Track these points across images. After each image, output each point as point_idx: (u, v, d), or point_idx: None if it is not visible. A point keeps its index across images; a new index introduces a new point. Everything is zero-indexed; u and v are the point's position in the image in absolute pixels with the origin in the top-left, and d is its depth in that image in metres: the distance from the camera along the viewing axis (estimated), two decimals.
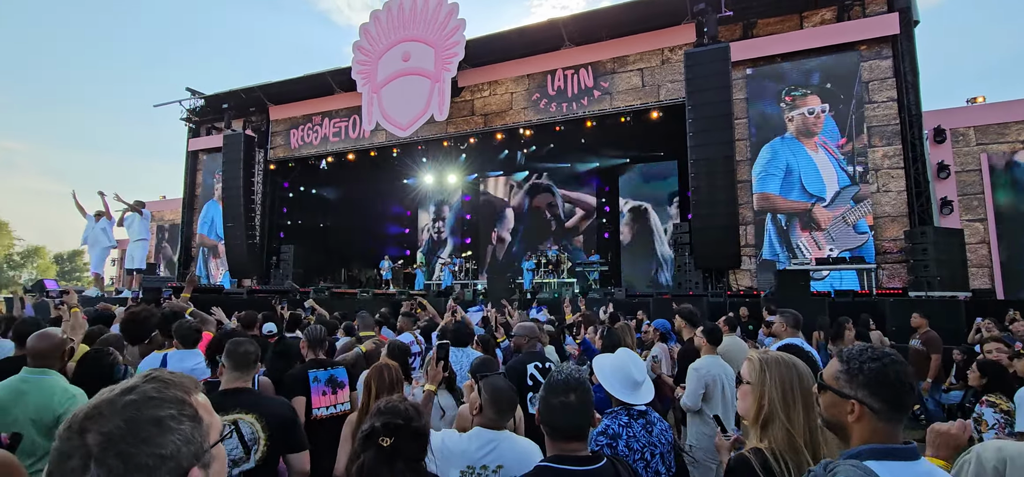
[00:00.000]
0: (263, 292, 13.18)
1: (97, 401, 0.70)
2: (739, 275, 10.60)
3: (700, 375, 3.47)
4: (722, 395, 3.45)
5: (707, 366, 3.52)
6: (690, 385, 3.49)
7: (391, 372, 2.59)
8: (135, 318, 4.14)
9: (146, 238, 12.90)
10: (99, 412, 0.68)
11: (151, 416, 0.69)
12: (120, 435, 0.66)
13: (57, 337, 2.65)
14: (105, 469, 0.65)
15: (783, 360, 1.56)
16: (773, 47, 10.75)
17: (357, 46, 14.12)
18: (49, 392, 2.34)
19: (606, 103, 12.21)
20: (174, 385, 0.75)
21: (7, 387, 2.34)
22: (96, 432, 0.66)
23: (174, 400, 0.73)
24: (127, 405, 0.69)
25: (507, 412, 1.98)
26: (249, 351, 2.47)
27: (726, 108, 9.88)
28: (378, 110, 13.74)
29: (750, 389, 1.56)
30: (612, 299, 9.70)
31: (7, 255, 41.58)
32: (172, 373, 0.79)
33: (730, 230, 9.95)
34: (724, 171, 9.88)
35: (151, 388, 0.72)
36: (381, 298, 12.08)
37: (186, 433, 0.72)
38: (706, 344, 3.71)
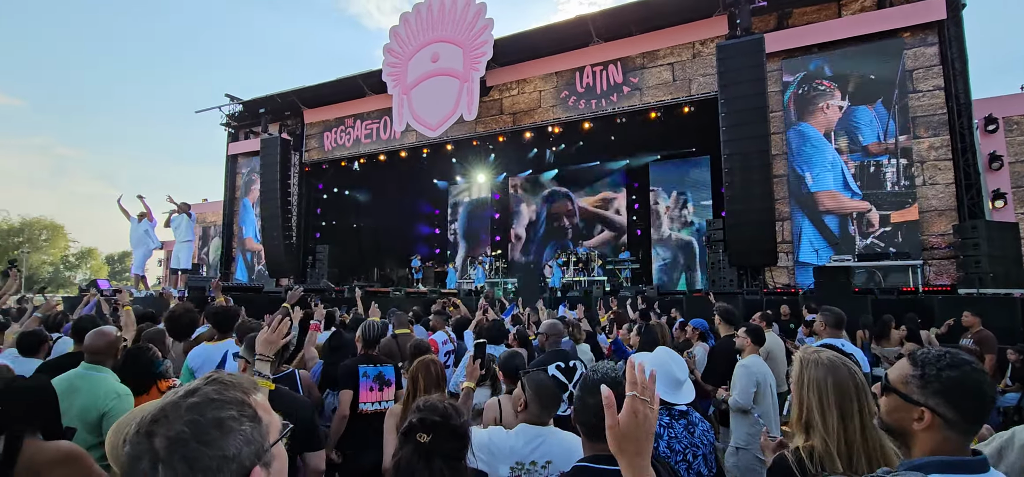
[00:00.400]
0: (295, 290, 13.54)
1: (163, 403, 0.72)
2: (776, 272, 10.34)
3: (751, 372, 3.39)
4: (769, 397, 3.39)
5: (755, 362, 3.46)
6: (741, 382, 3.39)
7: (436, 367, 2.65)
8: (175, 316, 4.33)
9: (192, 239, 13.38)
10: (165, 415, 0.70)
11: (213, 418, 0.71)
12: (185, 438, 0.68)
13: (112, 335, 2.80)
14: (171, 471, 0.66)
15: (822, 361, 1.52)
16: (809, 37, 10.43)
17: (387, 49, 14.35)
18: (97, 390, 2.47)
19: (636, 99, 12.08)
20: (234, 386, 0.76)
21: (64, 381, 2.48)
22: (162, 436, 0.68)
23: (234, 401, 0.74)
24: (190, 408, 0.70)
25: (551, 407, 1.98)
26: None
27: (760, 101, 9.64)
28: (408, 111, 13.93)
29: (793, 389, 1.54)
30: (643, 295, 9.63)
31: (63, 256, 43.94)
32: (231, 374, 0.80)
33: (766, 226, 9.72)
34: (759, 166, 9.65)
35: (212, 390, 0.74)
36: (413, 296, 12.28)
37: (247, 433, 0.73)
38: (750, 344, 3.62)
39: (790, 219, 10.35)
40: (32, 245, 41.14)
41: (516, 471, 1.83)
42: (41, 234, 41.96)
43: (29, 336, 3.71)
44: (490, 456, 1.85)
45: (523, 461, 1.83)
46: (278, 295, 12.54)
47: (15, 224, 41.04)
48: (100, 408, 2.44)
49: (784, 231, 10.34)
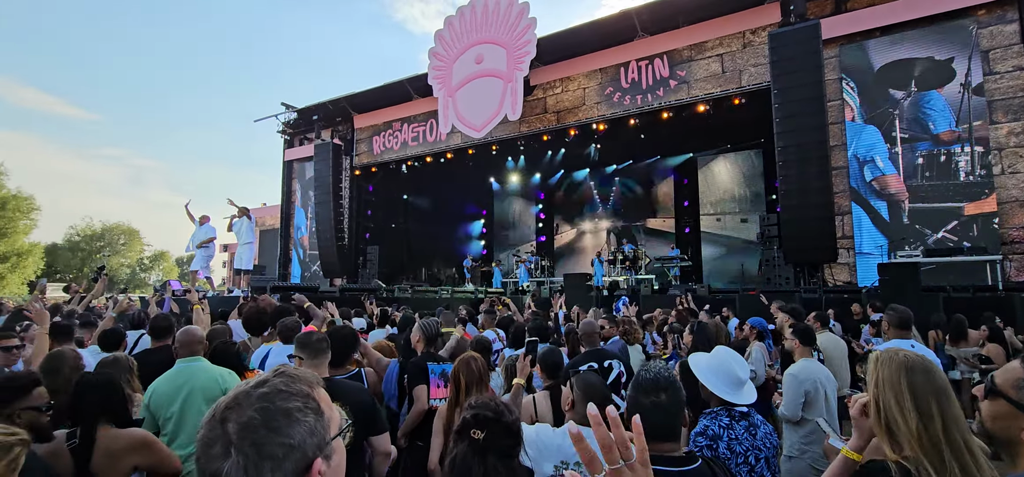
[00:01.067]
0: (352, 290, 14.06)
1: (235, 392, 0.76)
2: (835, 269, 9.87)
3: (798, 381, 3.17)
4: (825, 402, 3.15)
5: (806, 371, 3.22)
6: (788, 393, 3.20)
7: (478, 364, 2.66)
8: (255, 313, 4.61)
9: (252, 241, 14.10)
10: (237, 403, 0.74)
11: (281, 408, 0.74)
12: (255, 425, 0.71)
13: (198, 332, 3.06)
14: (242, 456, 0.70)
15: (896, 359, 1.42)
16: (870, 20, 9.87)
17: (432, 52, 14.63)
18: (210, 374, 2.77)
19: (683, 92, 11.80)
20: (300, 380, 0.80)
21: (173, 376, 2.75)
22: (235, 422, 0.71)
23: (300, 394, 0.77)
24: (260, 397, 0.74)
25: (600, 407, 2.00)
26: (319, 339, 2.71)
27: (817, 90, 9.20)
28: (453, 113, 14.16)
29: (869, 390, 1.47)
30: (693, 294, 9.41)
31: (139, 259, 47.35)
32: (297, 368, 0.84)
33: (824, 221, 9.27)
34: (817, 158, 9.22)
35: (280, 381, 0.77)
36: (460, 296, 12.48)
37: (310, 425, 0.76)
38: (799, 345, 3.41)
39: (850, 213, 9.84)
40: (112, 249, 44.56)
41: (560, 469, 1.83)
42: (119, 239, 45.40)
43: (109, 334, 4.06)
44: (537, 452, 1.86)
45: (568, 460, 1.83)
46: (332, 294, 13.05)
47: (97, 230, 44.56)
48: (222, 386, 2.71)
49: (844, 225, 9.84)
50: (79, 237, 43.73)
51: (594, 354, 3.45)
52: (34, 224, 36.45)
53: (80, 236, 43.80)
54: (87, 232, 44.20)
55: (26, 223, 35.88)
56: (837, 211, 9.67)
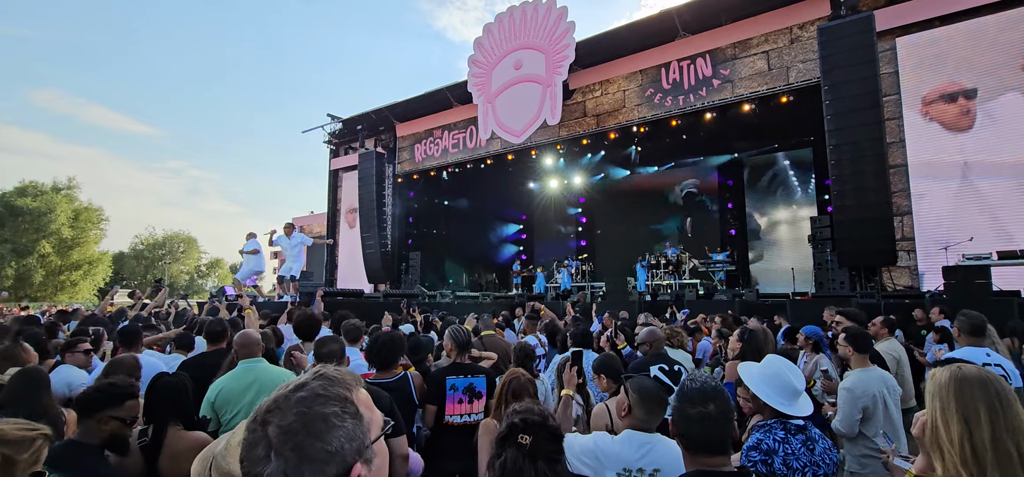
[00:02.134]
0: (395, 295, 14.38)
1: (276, 395, 0.76)
2: (895, 273, 9.36)
3: (854, 395, 2.96)
4: (885, 413, 2.94)
5: (861, 382, 3.00)
6: (843, 408, 2.98)
7: (528, 379, 2.65)
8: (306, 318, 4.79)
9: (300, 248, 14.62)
10: (277, 406, 0.74)
11: (319, 412, 0.73)
12: (294, 429, 0.71)
13: (255, 334, 3.20)
14: (282, 460, 0.70)
15: (950, 368, 1.35)
16: (929, 9, 9.34)
17: (472, 60, 14.82)
18: (271, 373, 2.89)
19: (727, 91, 11.49)
20: (338, 382, 0.78)
21: (235, 378, 2.89)
22: (275, 425, 0.72)
23: (338, 398, 0.76)
24: (298, 401, 0.74)
25: (657, 412, 1.93)
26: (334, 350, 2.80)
27: (872, 85, 8.76)
28: (493, 119, 14.29)
29: (932, 409, 1.40)
30: (740, 299, 9.14)
31: (196, 266, 50.02)
32: (337, 370, 0.83)
33: (882, 223, 8.80)
34: (872, 156, 8.77)
35: (318, 385, 0.76)
36: (501, 301, 12.55)
37: (349, 430, 0.75)
38: (854, 353, 3.17)
39: (910, 213, 9.32)
40: (172, 256, 47.22)
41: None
42: (179, 247, 48.10)
43: (183, 337, 4.33)
44: (596, 462, 1.84)
45: (630, 467, 1.80)
46: (376, 300, 13.39)
47: (159, 239, 47.37)
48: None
49: (904, 227, 9.33)
50: (143, 245, 46.63)
51: (663, 357, 3.40)
52: (103, 234, 39.16)
53: (144, 245, 46.69)
54: (150, 241, 47.08)
55: (96, 233, 38.56)
56: (896, 211, 9.17)
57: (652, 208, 18.83)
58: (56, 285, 35.57)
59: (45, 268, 34.73)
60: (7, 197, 34.29)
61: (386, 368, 3.04)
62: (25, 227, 34.01)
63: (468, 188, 18.56)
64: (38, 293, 33.58)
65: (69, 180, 37.28)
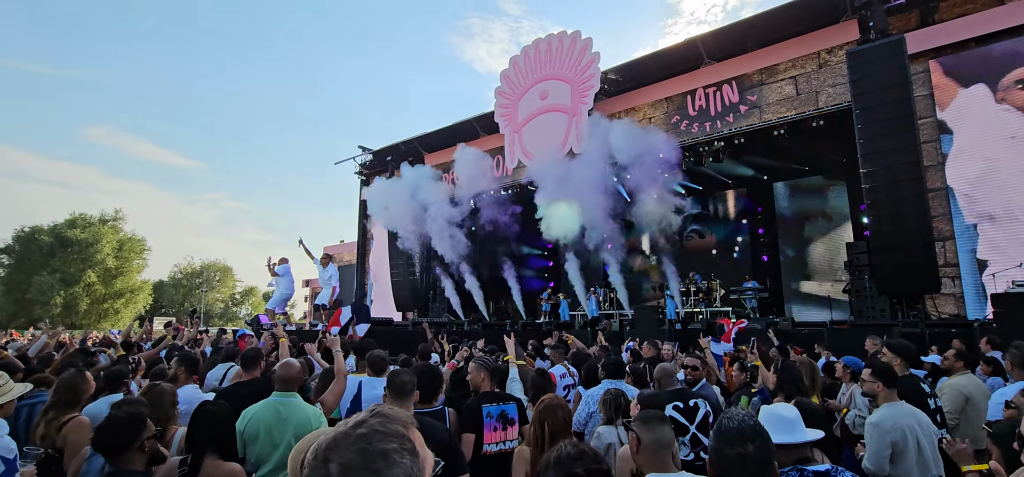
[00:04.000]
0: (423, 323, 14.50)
1: (335, 433, 0.77)
2: (939, 300, 9.00)
3: (881, 430, 2.80)
4: (917, 451, 2.78)
5: (890, 416, 2.83)
6: (871, 444, 2.83)
7: (565, 412, 2.63)
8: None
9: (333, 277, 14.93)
10: (337, 444, 0.75)
11: (379, 449, 0.75)
12: (355, 466, 0.72)
13: (297, 366, 3.26)
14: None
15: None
16: (963, 31, 9.16)
17: (498, 91, 15.14)
18: (303, 413, 2.93)
19: (754, 117, 11.41)
20: (395, 420, 0.81)
21: (270, 409, 2.91)
22: (336, 462, 0.73)
23: (396, 435, 0.78)
24: (358, 438, 0.75)
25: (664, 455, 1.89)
26: (405, 380, 2.78)
27: (906, 108, 8.62)
28: (519, 148, 14.49)
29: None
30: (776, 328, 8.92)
31: (231, 295, 51.44)
32: (392, 408, 0.85)
33: (923, 248, 8.53)
34: (909, 180, 8.56)
35: (376, 422, 0.78)
36: (529, 329, 12.52)
37: (407, 466, 0.76)
38: (883, 388, 2.96)
39: (953, 238, 9.00)
40: (208, 285, 48.73)
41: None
42: (215, 275, 49.65)
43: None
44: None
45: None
46: (405, 328, 13.54)
47: (197, 268, 49.01)
48: (312, 427, 2.86)
49: (946, 253, 9.00)
50: (181, 274, 48.31)
51: (677, 394, 3.35)
52: (145, 264, 40.77)
53: (182, 274, 48.37)
54: (188, 270, 48.77)
55: (139, 262, 40.20)
56: (937, 237, 8.88)
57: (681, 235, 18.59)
58: (100, 313, 37.08)
59: (90, 296, 36.29)
60: (58, 229, 36.19)
61: (426, 400, 3.07)
62: (73, 257, 35.74)
63: (495, 215, 18.68)
64: (83, 321, 35.03)
65: (115, 212, 39.22)
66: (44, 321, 8.77)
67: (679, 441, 3.03)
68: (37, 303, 32.82)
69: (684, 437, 3.11)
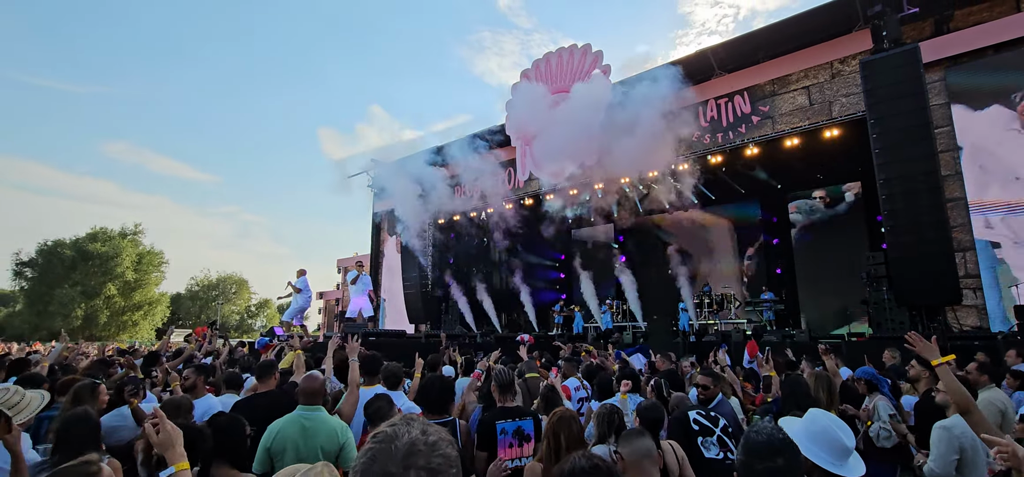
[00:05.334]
0: (435, 336, 14.52)
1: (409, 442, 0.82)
2: (961, 312, 8.81)
3: (953, 435, 2.77)
4: (977, 465, 2.76)
5: (963, 425, 2.78)
6: (939, 448, 2.80)
7: (578, 426, 2.60)
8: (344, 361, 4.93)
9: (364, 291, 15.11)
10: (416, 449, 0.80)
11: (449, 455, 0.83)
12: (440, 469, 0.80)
13: (320, 380, 3.20)
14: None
15: None
16: (980, 39, 9.07)
17: (510, 103, 15.23)
18: (330, 425, 2.93)
19: (767, 128, 11.35)
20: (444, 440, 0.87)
21: (295, 425, 2.89)
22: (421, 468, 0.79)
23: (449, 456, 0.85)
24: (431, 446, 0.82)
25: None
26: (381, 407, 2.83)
27: (921, 118, 8.50)
28: (531, 161, 14.54)
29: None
30: (791, 340, 8.81)
31: (246, 307, 52.03)
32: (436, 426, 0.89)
33: (942, 258, 8.36)
34: (927, 189, 8.41)
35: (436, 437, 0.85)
36: (542, 340, 12.48)
37: None
38: None
39: (973, 248, 8.83)
40: (224, 297, 49.36)
41: None
42: (231, 288, 50.31)
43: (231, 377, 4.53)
44: None
45: None
46: (418, 340, 13.57)
47: (213, 280, 49.72)
48: (339, 441, 2.88)
49: (967, 263, 8.83)
50: (198, 287, 49.04)
51: (698, 403, 3.33)
52: (163, 276, 41.46)
53: (199, 286, 49.10)
54: (205, 282, 49.49)
55: (157, 275, 40.89)
56: (957, 247, 8.72)
57: (694, 246, 18.47)
58: (119, 325, 37.72)
59: (110, 309, 36.95)
60: (80, 243, 37.00)
61: (438, 412, 3.08)
62: (94, 270, 36.47)
63: (508, 228, 18.74)
64: (102, 332, 35.66)
65: (135, 226, 40.05)
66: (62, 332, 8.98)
67: (706, 441, 3.00)
68: (58, 315, 33.50)
69: (710, 438, 3.06)
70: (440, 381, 3.18)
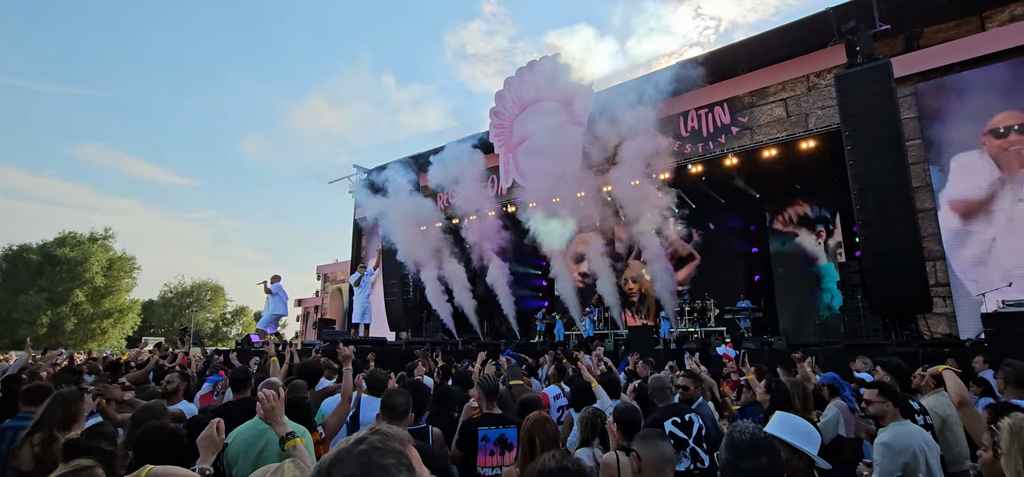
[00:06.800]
0: (416, 343, 14.38)
1: (338, 450, 0.82)
2: (931, 320, 9.06)
3: (894, 451, 2.72)
4: (927, 473, 2.73)
5: (901, 436, 2.78)
6: (882, 464, 2.75)
7: (552, 426, 2.61)
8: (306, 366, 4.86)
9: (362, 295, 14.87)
10: (340, 459, 0.79)
11: (379, 463, 0.79)
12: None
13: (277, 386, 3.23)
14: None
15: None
16: (947, 56, 9.41)
17: (493, 111, 15.27)
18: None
19: (746, 138, 11.57)
20: (393, 438, 0.85)
21: (251, 428, 2.86)
22: (339, 475, 0.78)
23: (394, 451, 0.82)
24: (360, 454, 0.80)
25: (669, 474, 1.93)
26: (399, 403, 2.78)
27: (893, 130, 8.76)
28: (514, 168, 14.58)
29: (1003, 459, 1.35)
30: (770, 348, 8.94)
31: (222, 314, 50.82)
32: (391, 427, 0.89)
33: (913, 268, 8.61)
34: (899, 201, 8.67)
35: (376, 440, 0.83)
36: (524, 349, 12.45)
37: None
38: (890, 408, 2.92)
39: (943, 258, 9.11)
40: (199, 304, 48.18)
41: None
42: (206, 295, 49.12)
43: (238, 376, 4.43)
44: None
45: None
46: (399, 348, 13.41)
47: (187, 287, 48.49)
48: None
49: (937, 272, 9.10)
50: (172, 294, 47.77)
51: (673, 409, 3.35)
52: (135, 283, 40.31)
53: (173, 293, 47.83)
54: (178, 289, 48.25)
55: (128, 281, 39.73)
56: (928, 256, 8.98)
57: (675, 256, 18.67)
58: (87, 333, 36.49)
59: (78, 316, 35.74)
60: (47, 247, 35.77)
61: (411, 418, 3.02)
62: (62, 276, 35.28)
63: (491, 236, 18.67)
64: (69, 340, 34.45)
65: (105, 230, 38.91)
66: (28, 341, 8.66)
67: (679, 453, 3.04)
68: (23, 323, 32.28)
69: (684, 450, 3.12)
70: (412, 387, 3.15)
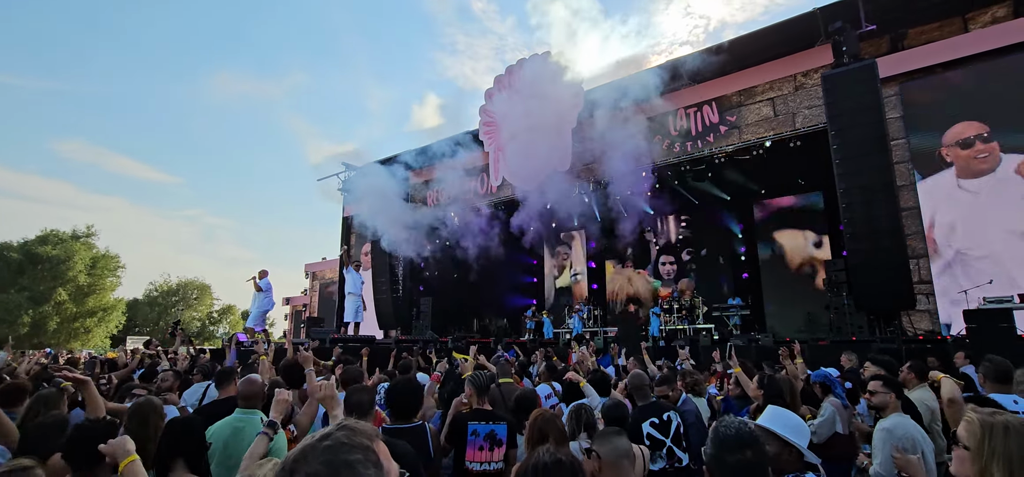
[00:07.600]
0: (407, 341, 14.32)
1: (303, 446, 0.81)
2: (914, 317, 9.21)
3: (894, 436, 2.84)
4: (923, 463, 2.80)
5: (902, 426, 2.91)
6: (882, 450, 2.86)
7: (562, 423, 2.65)
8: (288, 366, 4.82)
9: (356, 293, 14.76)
10: (305, 455, 0.78)
11: (344, 460, 0.78)
12: (321, 476, 0.76)
13: (259, 383, 3.20)
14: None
15: (1014, 426, 1.31)
16: (931, 57, 9.55)
17: (483, 109, 15.22)
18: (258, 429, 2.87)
19: (734, 137, 11.66)
20: (360, 433, 0.84)
21: (227, 426, 2.88)
22: (303, 473, 0.76)
23: (361, 447, 0.81)
24: (325, 449, 0.79)
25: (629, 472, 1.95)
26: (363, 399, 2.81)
27: (878, 130, 8.88)
28: (504, 165, 14.55)
29: (968, 456, 1.36)
30: (758, 346, 9.03)
31: (208, 313, 50.20)
32: (358, 422, 0.88)
33: (898, 267, 8.74)
34: (884, 199, 8.79)
35: (342, 435, 0.82)
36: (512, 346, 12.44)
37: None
38: (893, 400, 3.09)
39: (926, 255, 9.25)
40: (185, 303, 47.56)
41: None
42: (192, 293, 48.46)
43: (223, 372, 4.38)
44: None
45: None
46: (388, 346, 13.33)
47: (173, 286, 47.83)
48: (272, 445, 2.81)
49: (920, 270, 9.24)
50: (157, 292, 47.06)
51: (651, 409, 3.36)
52: (119, 281, 39.66)
53: (158, 292, 47.13)
54: (164, 288, 47.55)
55: (112, 280, 39.07)
56: (912, 254, 9.12)
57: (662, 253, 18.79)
58: (70, 332, 35.86)
59: (60, 315, 35.11)
60: (28, 246, 35.08)
61: (404, 416, 3.01)
62: (44, 274, 34.63)
63: (480, 233, 18.65)
64: (52, 340, 33.84)
65: (87, 228, 38.20)
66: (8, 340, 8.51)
67: (655, 454, 3.08)
68: (3, 322, 31.63)
69: (661, 450, 3.15)
70: (403, 385, 3.12)
